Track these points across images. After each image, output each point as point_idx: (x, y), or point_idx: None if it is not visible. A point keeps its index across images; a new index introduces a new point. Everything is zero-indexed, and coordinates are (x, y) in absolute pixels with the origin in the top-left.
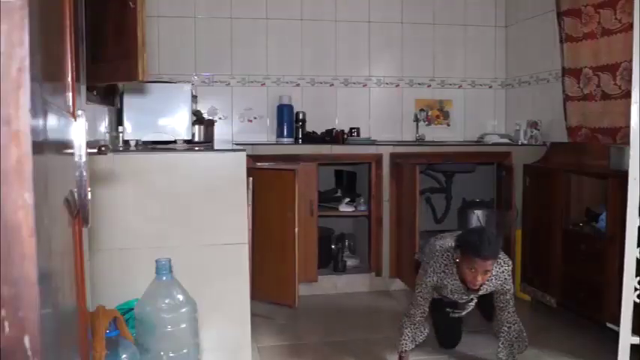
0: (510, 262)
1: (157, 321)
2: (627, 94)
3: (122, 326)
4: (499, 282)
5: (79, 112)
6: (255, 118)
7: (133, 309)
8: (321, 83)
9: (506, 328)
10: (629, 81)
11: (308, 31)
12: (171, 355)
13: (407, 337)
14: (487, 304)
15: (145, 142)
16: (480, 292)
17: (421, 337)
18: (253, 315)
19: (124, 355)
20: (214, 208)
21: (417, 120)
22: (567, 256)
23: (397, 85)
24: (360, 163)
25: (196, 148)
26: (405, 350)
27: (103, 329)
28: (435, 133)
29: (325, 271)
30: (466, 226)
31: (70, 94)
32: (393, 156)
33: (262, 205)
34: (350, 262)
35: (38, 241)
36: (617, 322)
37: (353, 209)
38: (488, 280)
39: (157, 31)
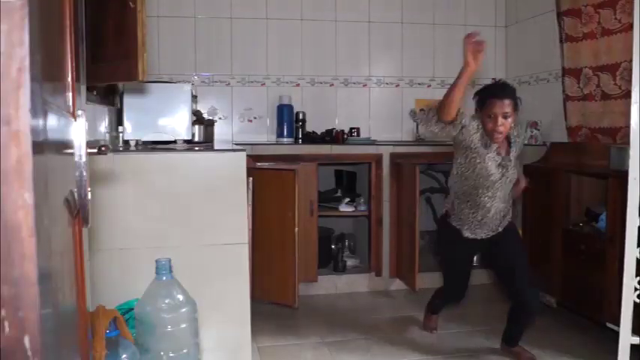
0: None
1: (157, 321)
2: (627, 94)
3: (122, 326)
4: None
5: (79, 112)
6: (255, 118)
7: (132, 309)
8: (321, 83)
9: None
10: (629, 81)
11: (308, 31)
12: (171, 355)
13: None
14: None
15: (145, 142)
16: (509, 155)
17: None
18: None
19: (124, 355)
20: (214, 208)
21: (416, 119)
22: (567, 256)
23: (397, 85)
24: (360, 163)
25: (196, 148)
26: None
27: (102, 329)
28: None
29: (325, 271)
30: None
31: (70, 94)
32: (393, 156)
33: (262, 205)
34: (350, 262)
35: (38, 241)
36: (617, 322)
37: (353, 209)
38: (513, 137)
39: (157, 31)
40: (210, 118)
